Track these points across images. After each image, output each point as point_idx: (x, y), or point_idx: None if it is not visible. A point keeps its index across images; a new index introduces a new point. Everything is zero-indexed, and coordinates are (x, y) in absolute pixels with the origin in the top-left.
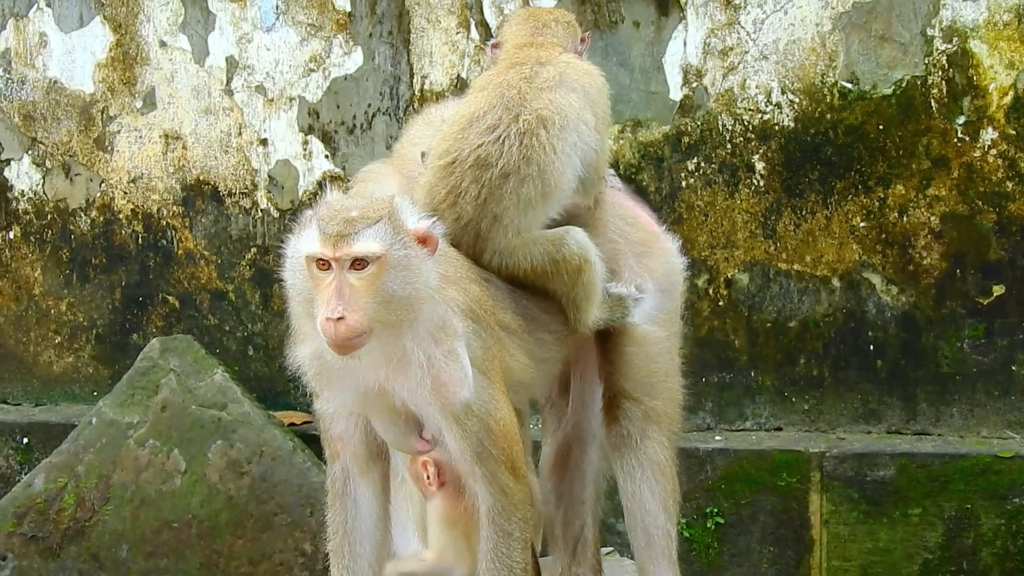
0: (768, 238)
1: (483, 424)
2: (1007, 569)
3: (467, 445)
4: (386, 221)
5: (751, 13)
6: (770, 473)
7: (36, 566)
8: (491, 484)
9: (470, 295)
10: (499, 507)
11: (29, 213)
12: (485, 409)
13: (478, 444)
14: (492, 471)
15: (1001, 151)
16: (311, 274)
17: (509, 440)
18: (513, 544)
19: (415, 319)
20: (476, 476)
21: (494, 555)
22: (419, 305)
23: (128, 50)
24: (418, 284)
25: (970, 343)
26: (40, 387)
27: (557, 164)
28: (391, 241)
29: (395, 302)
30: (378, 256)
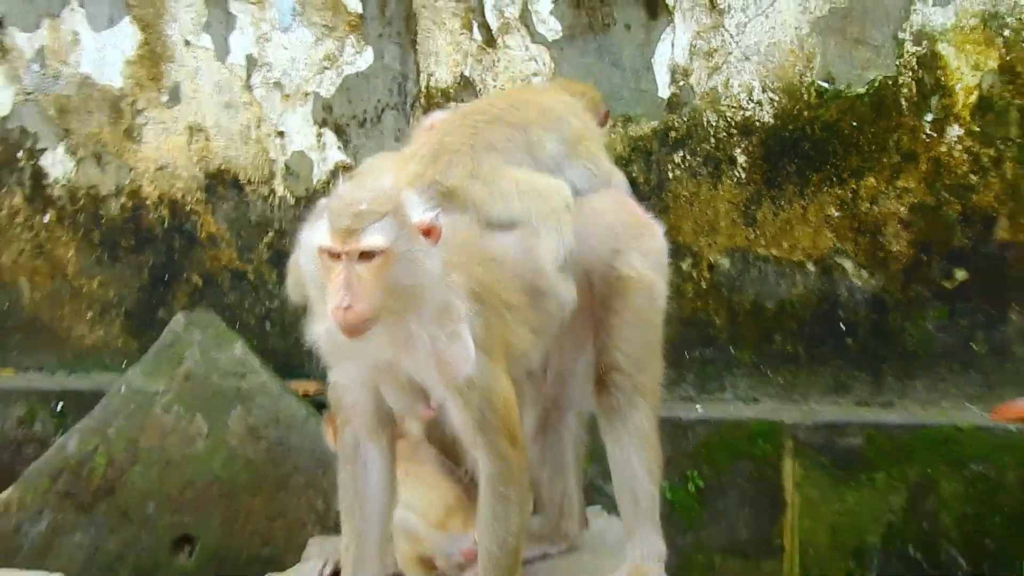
0: (748, 226)
1: (484, 397)
2: (965, 531)
3: (469, 416)
4: (392, 216)
5: (734, 17)
6: (747, 441)
7: (70, 521)
8: (491, 451)
9: (474, 278)
10: (498, 473)
11: (63, 199)
12: (486, 383)
13: (480, 415)
14: (492, 440)
15: (966, 146)
16: (322, 263)
17: (508, 411)
18: (510, 507)
19: (420, 305)
20: (478, 444)
21: (492, 515)
22: (423, 293)
23: (155, 48)
24: (421, 275)
25: (934, 324)
26: (73, 358)
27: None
28: (396, 235)
29: (400, 291)
30: (383, 250)
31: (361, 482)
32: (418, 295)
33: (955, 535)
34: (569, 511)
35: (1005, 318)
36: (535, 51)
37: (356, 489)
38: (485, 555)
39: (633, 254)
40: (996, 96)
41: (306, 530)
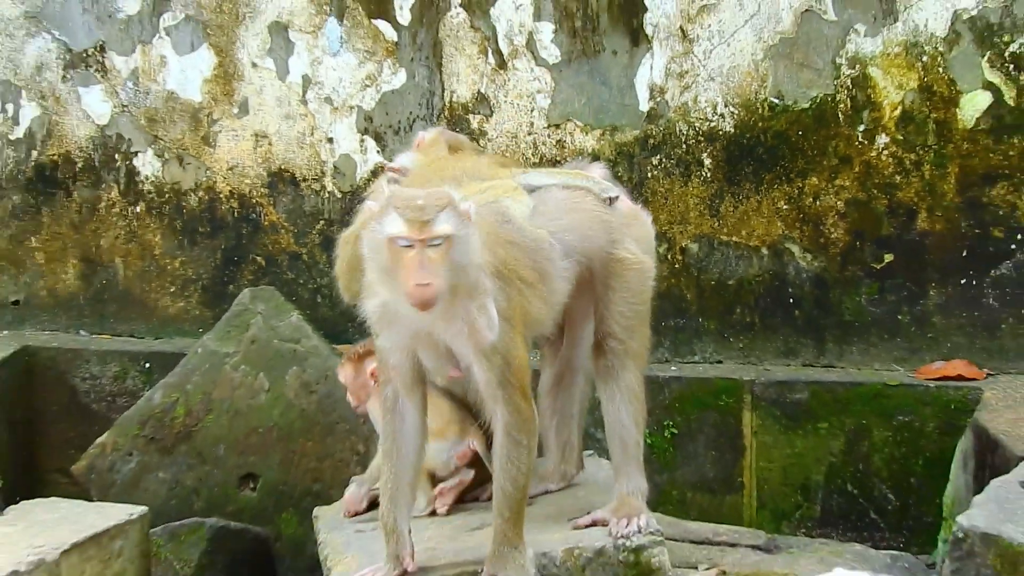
0: (713, 216)
1: (504, 360)
2: (893, 471)
3: (492, 376)
4: (451, 207)
5: (702, 45)
6: (713, 395)
7: (155, 461)
8: (508, 405)
9: (497, 258)
10: (514, 422)
11: (152, 192)
12: (506, 348)
13: (500, 375)
14: (510, 395)
15: (891, 152)
16: (391, 251)
17: (523, 372)
18: (522, 451)
19: (468, 281)
20: (497, 399)
21: (507, 458)
22: (472, 271)
23: (227, 69)
24: (473, 255)
25: (866, 298)
26: (159, 325)
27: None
28: (456, 223)
29: (459, 270)
30: (449, 235)
31: (399, 429)
32: (471, 272)
33: (885, 474)
34: (569, 456)
35: (925, 294)
36: (538, 72)
37: (394, 435)
38: (499, 491)
39: (627, 240)
40: (916, 110)
41: (349, 469)
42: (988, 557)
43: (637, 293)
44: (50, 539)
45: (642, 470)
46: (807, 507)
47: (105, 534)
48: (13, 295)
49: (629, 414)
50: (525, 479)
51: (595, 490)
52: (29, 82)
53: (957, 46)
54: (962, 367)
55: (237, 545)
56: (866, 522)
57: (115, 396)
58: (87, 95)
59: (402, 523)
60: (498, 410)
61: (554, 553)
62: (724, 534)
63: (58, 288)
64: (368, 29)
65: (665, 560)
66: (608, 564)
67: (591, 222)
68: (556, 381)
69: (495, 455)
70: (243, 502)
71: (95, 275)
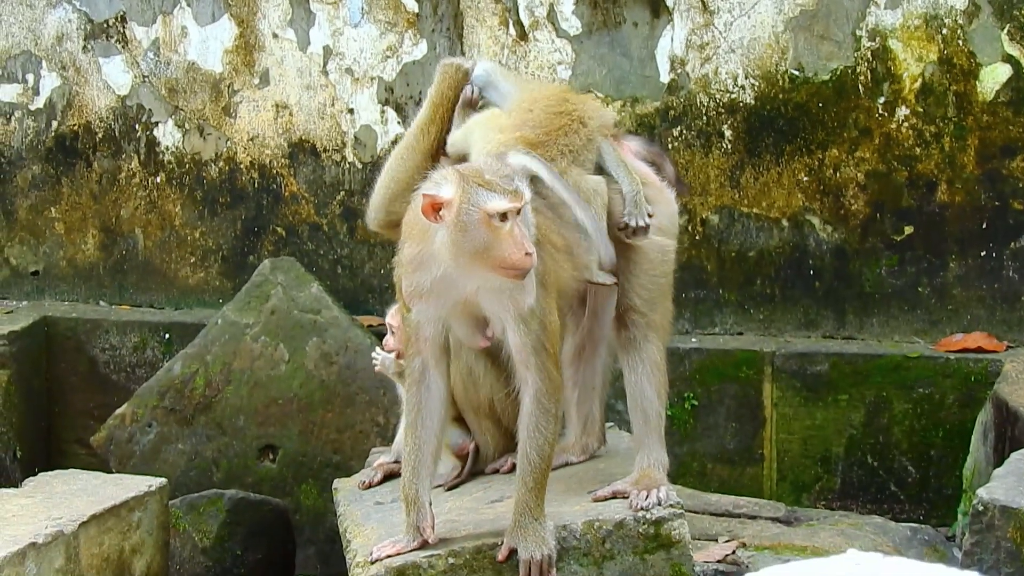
0: (734, 188)
1: (541, 324)
2: (913, 443)
3: (528, 340)
4: (521, 181)
5: (723, 17)
6: (733, 367)
7: (174, 432)
8: (540, 371)
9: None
10: (544, 389)
11: (172, 163)
12: (543, 312)
13: (536, 340)
14: (543, 361)
15: (911, 124)
16: (489, 227)
17: (556, 337)
18: (550, 418)
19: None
20: (530, 365)
21: (535, 425)
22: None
23: (248, 40)
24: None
25: (886, 270)
26: (179, 295)
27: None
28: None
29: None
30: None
31: (425, 401)
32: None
33: (905, 446)
34: (591, 428)
35: (945, 266)
36: (559, 44)
37: (420, 406)
38: (524, 460)
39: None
40: (936, 83)
41: (369, 440)
42: (1008, 529)
43: (659, 268)
44: (68, 511)
45: (663, 443)
46: (827, 479)
47: (124, 505)
48: (33, 265)
49: (651, 386)
50: (551, 449)
51: (616, 462)
52: (50, 52)
53: (977, 19)
54: (982, 339)
55: (256, 516)
56: (886, 494)
57: (135, 367)
58: (108, 65)
59: (423, 494)
60: (530, 376)
61: (574, 525)
62: (744, 506)
63: (78, 258)
64: (389, 0)
65: (685, 532)
66: (628, 536)
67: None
68: (577, 353)
69: (522, 424)
70: (262, 473)
71: (115, 245)
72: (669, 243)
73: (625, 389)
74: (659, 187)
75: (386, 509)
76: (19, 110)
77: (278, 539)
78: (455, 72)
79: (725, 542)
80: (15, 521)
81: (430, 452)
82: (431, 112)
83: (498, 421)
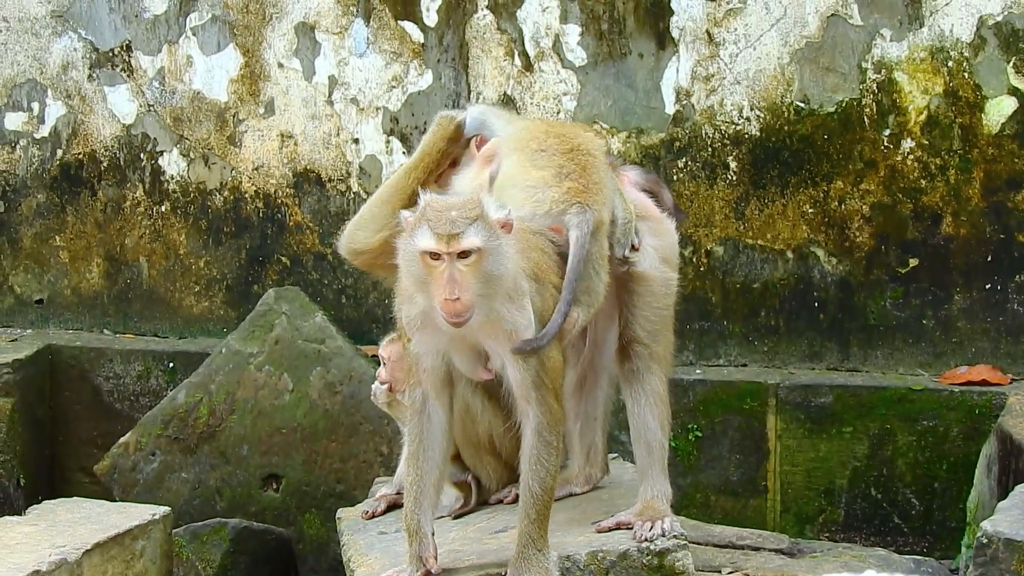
0: (738, 220)
1: (540, 360)
2: (916, 475)
3: (527, 375)
4: (481, 219)
5: (728, 48)
6: (737, 398)
7: (178, 461)
8: (541, 405)
9: (532, 261)
10: (545, 423)
11: (177, 192)
12: (542, 349)
13: (535, 375)
14: (543, 396)
15: (917, 156)
16: (424, 263)
17: (557, 372)
18: (551, 451)
19: (503, 288)
20: (530, 399)
21: (536, 458)
22: (506, 278)
23: (254, 69)
24: (505, 263)
25: (891, 302)
26: (183, 324)
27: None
28: (487, 235)
29: (492, 280)
30: (479, 248)
31: (426, 432)
32: (504, 281)
33: (909, 479)
34: (594, 459)
35: (950, 298)
36: (564, 75)
37: (421, 437)
38: (527, 492)
39: (650, 250)
40: (941, 115)
41: (373, 470)
42: (1012, 562)
43: (660, 300)
44: (72, 539)
45: (666, 474)
46: (831, 511)
47: (127, 534)
48: (37, 294)
49: (654, 417)
50: (553, 481)
51: (619, 493)
52: (55, 81)
53: (982, 51)
54: (986, 372)
55: (259, 546)
56: (890, 526)
57: (138, 395)
58: (113, 94)
59: (426, 524)
60: (531, 410)
61: (578, 556)
62: (747, 538)
63: (82, 287)
64: (395, 30)
65: (689, 564)
66: (632, 567)
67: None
68: (579, 384)
69: (523, 457)
70: (266, 502)
71: (119, 274)
72: (672, 275)
73: (628, 420)
74: (659, 218)
75: (389, 539)
76: (24, 138)
77: (281, 568)
78: (448, 124)
79: (729, 574)
80: (19, 549)
81: (432, 482)
82: (418, 159)
83: (498, 455)
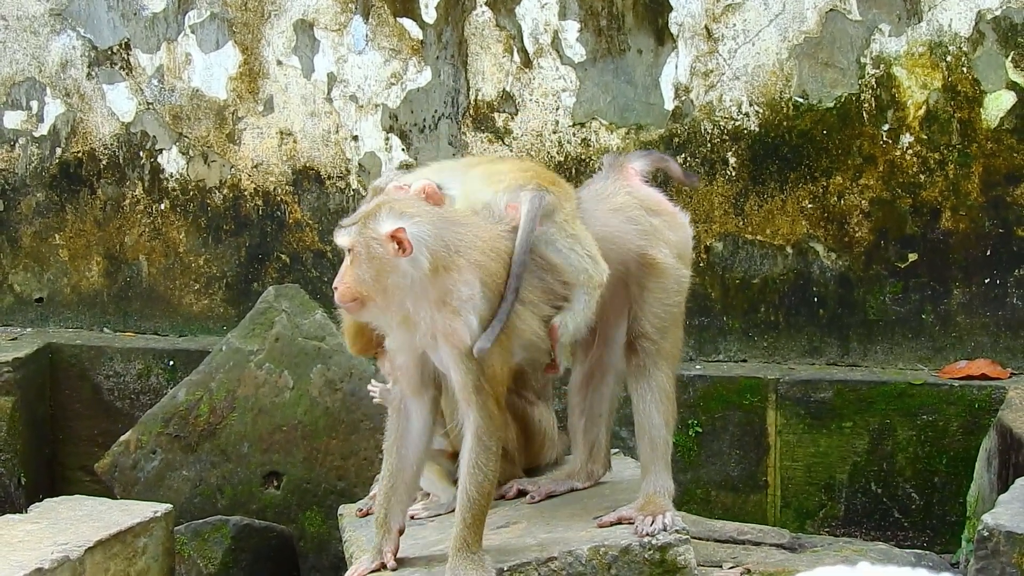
0: (738, 215)
1: (479, 366)
2: (917, 470)
3: (468, 380)
4: (361, 224)
5: (727, 44)
6: (737, 394)
7: (178, 459)
8: (481, 410)
9: (487, 271)
10: (484, 427)
11: (176, 190)
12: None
13: (475, 379)
14: (483, 401)
15: (916, 151)
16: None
17: (498, 380)
18: (489, 455)
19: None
20: (471, 403)
21: (474, 462)
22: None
23: (253, 67)
24: (388, 275)
25: (890, 297)
26: (183, 322)
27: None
28: (355, 239)
29: (367, 285)
30: (349, 248)
31: (402, 429)
32: (389, 290)
33: (909, 473)
34: (597, 455)
35: (949, 293)
36: (563, 71)
37: (397, 434)
38: (463, 496)
39: (661, 244)
40: (940, 110)
41: (374, 467)
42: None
43: (670, 295)
44: (74, 536)
45: (669, 469)
46: (831, 506)
47: (130, 531)
48: (37, 292)
49: (660, 413)
50: (491, 485)
51: (621, 489)
52: (54, 79)
53: (981, 46)
54: (986, 366)
55: (261, 543)
56: (890, 521)
57: (139, 394)
58: (112, 92)
59: (393, 520)
60: (471, 413)
61: (580, 551)
62: (748, 533)
63: (82, 285)
64: (393, 27)
65: (691, 558)
66: (634, 562)
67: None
68: (586, 380)
69: (462, 460)
70: (267, 500)
71: (119, 272)
72: (685, 271)
73: (633, 416)
74: (672, 212)
75: None
76: (23, 137)
77: (283, 566)
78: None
79: (730, 568)
80: (21, 547)
81: (404, 480)
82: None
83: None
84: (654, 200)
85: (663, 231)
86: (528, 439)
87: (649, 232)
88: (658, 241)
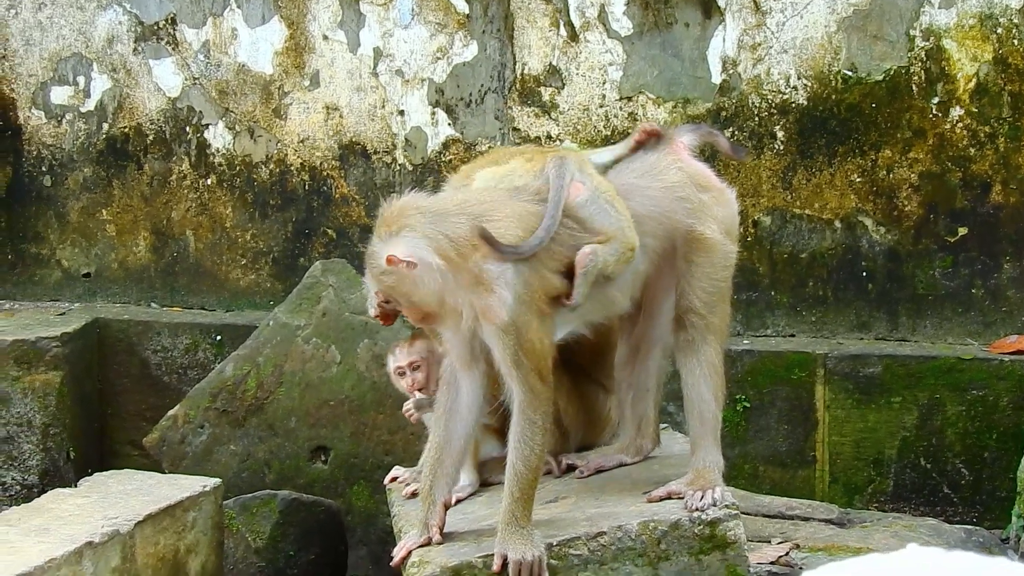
0: (786, 189)
1: (517, 340)
2: (966, 444)
3: (507, 354)
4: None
5: (775, 17)
6: (785, 369)
7: (226, 434)
8: (523, 384)
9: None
10: (528, 401)
11: (223, 165)
12: (519, 329)
13: (515, 354)
14: (524, 375)
15: (966, 124)
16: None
17: (538, 353)
18: (536, 429)
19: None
20: (513, 377)
21: (520, 436)
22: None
23: (299, 42)
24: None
25: (940, 271)
26: (230, 297)
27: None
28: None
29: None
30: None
31: (451, 403)
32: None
33: (958, 448)
34: (646, 429)
35: (999, 267)
36: (610, 45)
37: (446, 407)
38: (511, 470)
39: (710, 220)
40: (991, 83)
41: (420, 442)
42: None
43: (718, 270)
44: (124, 510)
45: (719, 444)
46: (880, 481)
47: (179, 506)
48: (85, 267)
49: (709, 388)
50: (538, 460)
51: (670, 464)
52: (100, 55)
53: None
54: None
55: (309, 517)
56: (939, 496)
57: (186, 368)
58: (158, 68)
59: (438, 493)
60: (515, 388)
61: (629, 526)
62: (797, 508)
63: (129, 261)
64: (439, 1)
65: (741, 533)
66: (684, 537)
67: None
68: (632, 354)
69: (511, 435)
70: (314, 475)
71: (166, 248)
72: (732, 247)
73: (682, 390)
74: (719, 188)
75: None
76: (70, 112)
77: (331, 540)
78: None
79: (779, 543)
80: (72, 520)
81: (451, 453)
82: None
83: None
84: (703, 176)
85: (711, 207)
86: (590, 421)
87: (698, 209)
88: (707, 217)
